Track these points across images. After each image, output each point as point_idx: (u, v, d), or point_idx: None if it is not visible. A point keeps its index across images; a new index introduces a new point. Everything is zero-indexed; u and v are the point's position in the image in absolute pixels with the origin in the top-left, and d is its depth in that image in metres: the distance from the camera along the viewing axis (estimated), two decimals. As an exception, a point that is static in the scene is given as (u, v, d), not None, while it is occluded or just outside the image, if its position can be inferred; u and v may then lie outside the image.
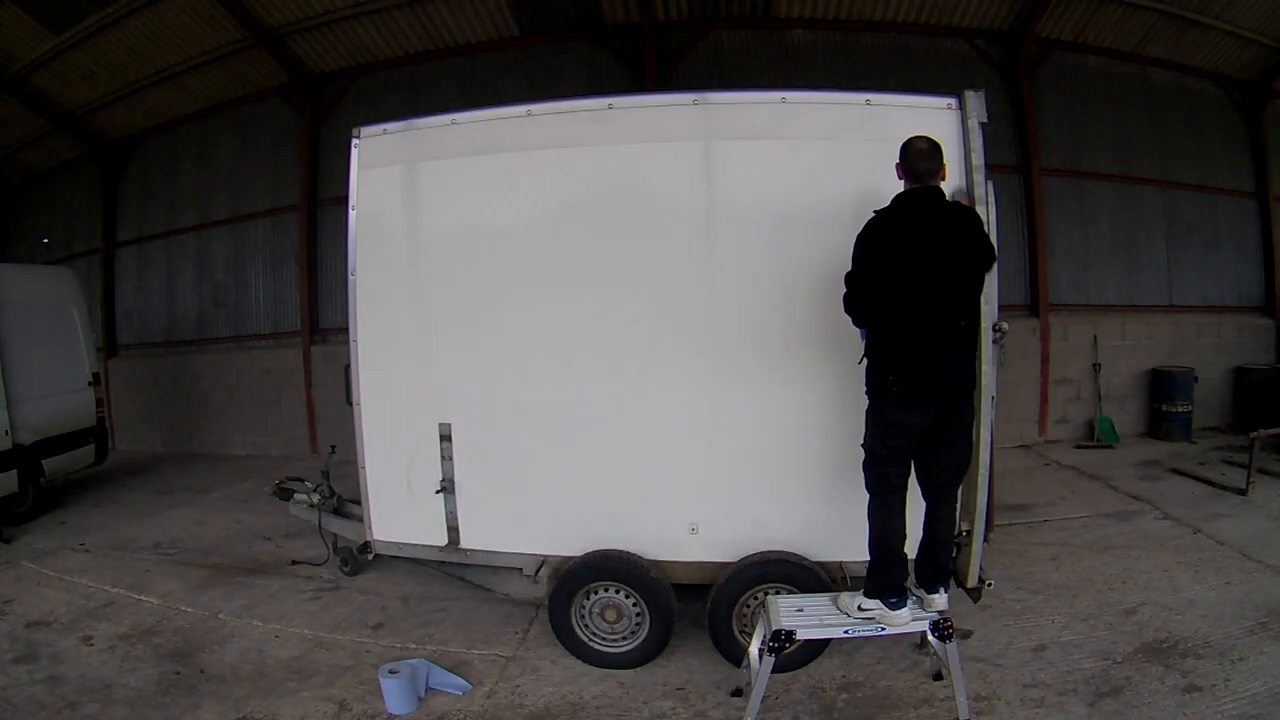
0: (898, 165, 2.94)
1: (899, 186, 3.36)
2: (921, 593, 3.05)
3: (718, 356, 3.47)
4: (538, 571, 3.65)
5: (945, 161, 2.93)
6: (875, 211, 2.91)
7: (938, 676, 3.33)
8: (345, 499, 5.01)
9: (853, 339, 3.37)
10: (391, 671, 3.34)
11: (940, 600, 3.01)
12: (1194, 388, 8.13)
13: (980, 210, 3.15)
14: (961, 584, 3.38)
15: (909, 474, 3.01)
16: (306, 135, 9.15)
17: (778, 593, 3.45)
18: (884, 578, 2.99)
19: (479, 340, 3.68)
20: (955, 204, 3.00)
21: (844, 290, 2.97)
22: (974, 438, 3.08)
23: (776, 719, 3.17)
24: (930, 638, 2.97)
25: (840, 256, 3.38)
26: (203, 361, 9.99)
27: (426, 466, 3.80)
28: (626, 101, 3.54)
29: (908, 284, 2.79)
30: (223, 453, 9.69)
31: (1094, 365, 8.41)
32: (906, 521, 3.01)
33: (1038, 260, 8.30)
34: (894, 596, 2.95)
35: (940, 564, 3.07)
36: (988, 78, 8.14)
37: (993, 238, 3.25)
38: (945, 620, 2.89)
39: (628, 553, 3.55)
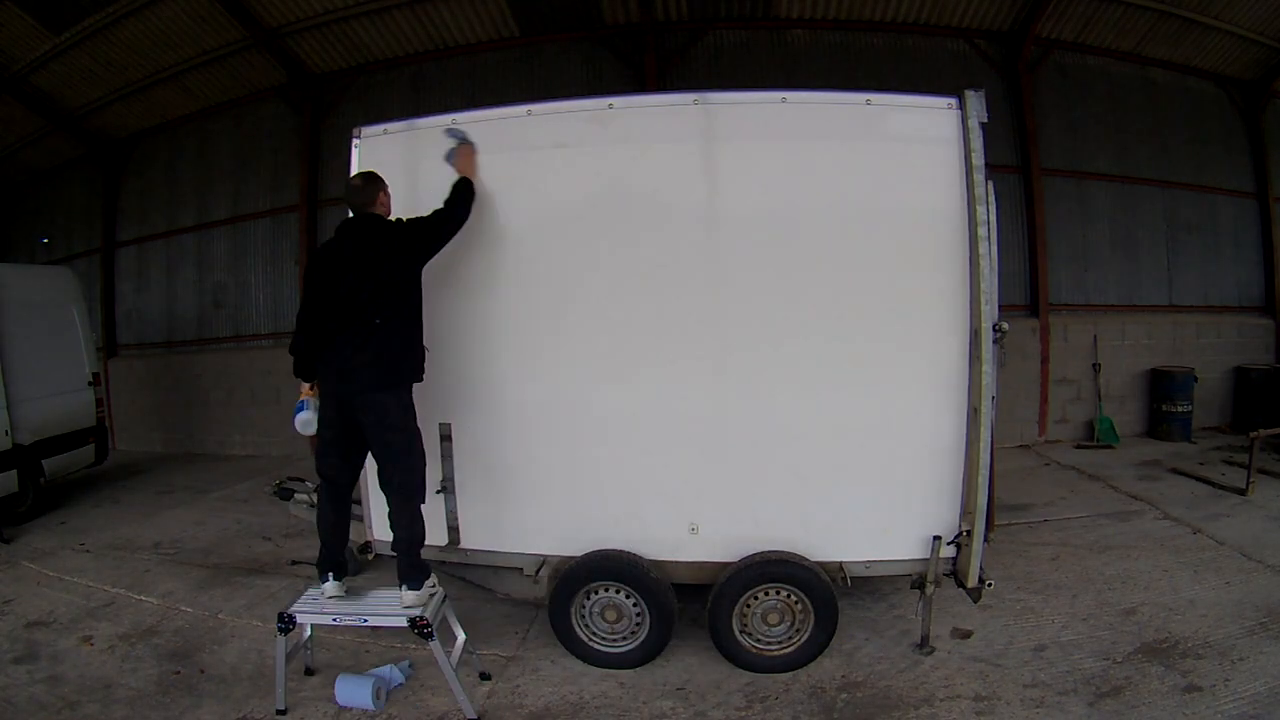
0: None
1: (899, 186, 3.38)
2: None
3: (718, 356, 3.47)
4: (538, 571, 3.65)
5: (383, 190, 3.34)
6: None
7: (485, 676, 3.56)
8: (345, 499, 5.01)
9: (852, 339, 3.38)
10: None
11: (409, 597, 3.25)
12: (1194, 388, 8.14)
13: (980, 210, 3.15)
14: (962, 584, 3.38)
15: (342, 469, 3.39)
16: (306, 135, 9.16)
17: (779, 593, 3.46)
18: (319, 556, 3.42)
19: (479, 340, 3.67)
20: (382, 222, 3.32)
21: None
22: (411, 448, 3.29)
23: (776, 719, 3.18)
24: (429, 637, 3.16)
25: (842, 256, 3.39)
26: (203, 361, 9.99)
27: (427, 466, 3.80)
28: (627, 101, 3.53)
29: (322, 293, 3.25)
30: (223, 453, 9.69)
31: (1094, 365, 8.41)
32: (336, 512, 3.41)
33: (1038, 260, 8.30)
34: (325, 571, 3.37)
35: (402, 563, 3.30)
36: (987, 78, 8.15)
37: (992, 239, 3.26)
38: (421, 619, 3.15)
39: (628, 553, 3.55)
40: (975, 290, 3.19)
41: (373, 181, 3.33)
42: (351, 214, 3.36)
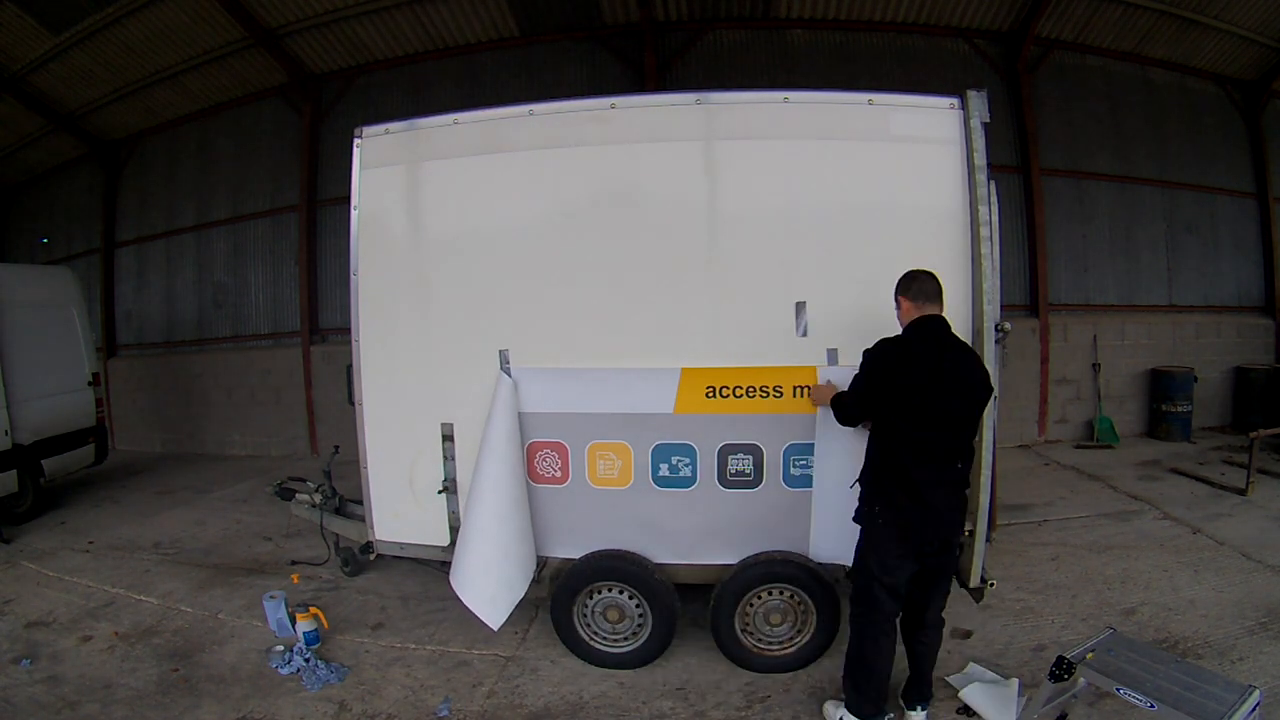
0: (897, 295, 2.90)
1: (900, 186, 3.37)
2: (903, 706, 3.09)
3: (720, 357, 3.46)
4: (540, 571, 3.65)
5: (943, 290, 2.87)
6: (884, 340, 2.87)
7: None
8: (347, 499, 5.01)
9: (854, 342, 3.38)
10: (271, 597, 4.03)
11: (919, 717, 3.07)
12: (1194, 388, 8.14)
13: (983, 210, 3.15)
14: (964, 584, 3.38)
15: (900, 610, 2.96)
16: (306, 135, 9.15)
17: (782, 593, 3.46)
18: (863, 699, 2.96)
19: (481, 340, 3.67)
20: (959, 339, 2.90)
21: (845, 402, 3.02)
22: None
23: (776, 719, 3.18)
24: None
25: (842, 257, 3.38)
26: (203, 361, 9.99)
27: (429, 466, 3.80)
28: (629, 101, 3.53)
29: (911, 410, 2.72)
30: (223, 453, 9.69)
31: (1094, 365, 8.42)
32: (895, 648, 2.96)
33: (1037, 260, 8.31)
34: (874, 716, 2.97)
35: (924, 687, 3.10)
36: (987, 78, 8.16)
37: (994, 239, 3.26)
38: None
39: (631, 552, 3.55)
40: (977, 290, 3.20)
41: (938, 280, 2.86)
42: (919, 311, 2.82)
